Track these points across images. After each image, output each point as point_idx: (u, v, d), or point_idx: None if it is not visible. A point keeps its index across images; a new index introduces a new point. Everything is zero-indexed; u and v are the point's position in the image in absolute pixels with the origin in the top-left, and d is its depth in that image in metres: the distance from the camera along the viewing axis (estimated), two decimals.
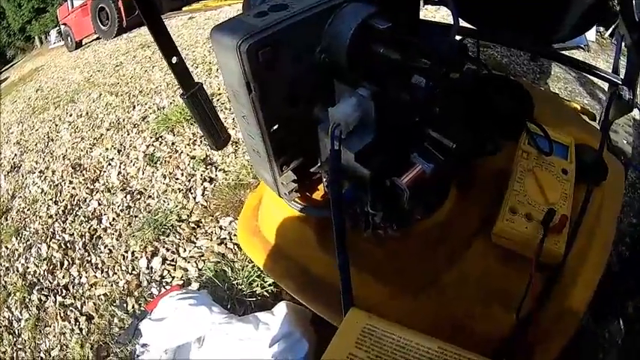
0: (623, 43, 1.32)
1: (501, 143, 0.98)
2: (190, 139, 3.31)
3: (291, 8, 0.83)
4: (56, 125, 4.76)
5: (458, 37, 0.98)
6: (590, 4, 1.27)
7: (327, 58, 0.85)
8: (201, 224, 2.52)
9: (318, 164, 0.99)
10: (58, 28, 11.64)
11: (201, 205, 2.67)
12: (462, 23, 1.36)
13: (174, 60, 1.08)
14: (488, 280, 0.95)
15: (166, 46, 1.08)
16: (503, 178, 1.03)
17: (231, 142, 1.01)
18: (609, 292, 1.32)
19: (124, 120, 4.12)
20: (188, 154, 3.16)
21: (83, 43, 9.95)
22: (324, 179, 0.98)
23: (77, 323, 2.20)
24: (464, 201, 1.04)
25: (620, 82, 1.28)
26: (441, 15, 4.19)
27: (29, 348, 2.21)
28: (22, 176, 3.94)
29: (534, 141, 1.06)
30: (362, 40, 0.82)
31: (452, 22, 0.85)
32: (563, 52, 3.96)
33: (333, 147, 0.74)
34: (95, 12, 9.04)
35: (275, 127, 0.90)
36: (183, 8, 9.49)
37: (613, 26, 4.34)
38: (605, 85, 3.29)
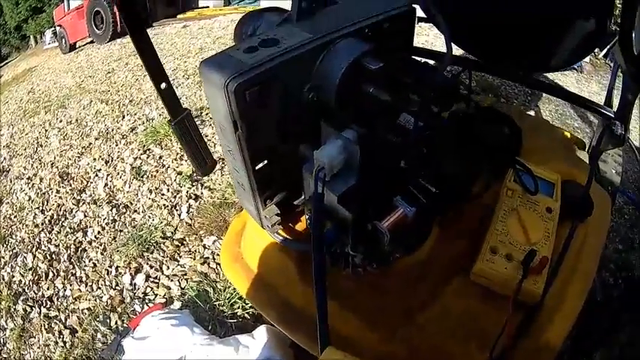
0: (618, 70, 1.30)
1: (488, 184, 0.99)
2: (177, 154, 3.32)
3: (282, 44, 0.82)
4: (46, 130, 4.75)
5: (449, 68, 0.98)
6: (589, 31, 1.26)
7: (316, 97, 0.84)
8: (185, 242, 2.53)
9: (302, 198, 0.99)
10: (53, 28, 11.58)
11: (186, 222, 2.68)
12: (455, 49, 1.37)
13: (162, 86, 1.08)
14: (466, 319, 0.95)
15: (156, 71, 1.08)
16: (486, 216, 1.03)
17: (219, 159, 1.01)
18: (588, 328, 1.32)
19: (112, 130, 4.12)
20: (175, 169, 3.17)
21: (77, 46, 9.92)
22: (307, 215, 0.98)
23: (61, 336, 2.21)
24: (445, 239, 1.03)
25: (613, 116, 1.27)
26: (435, 33, 4.21)
27: (14, 358, 2.21)
28: (11, 181, 3.92)
29: (520, 179, 1.05)
30: (352, 80, 0.82)
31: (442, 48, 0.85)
32: (557, 73, 4.00)
33: (316, 190, 0.73)
34: (91, 15, 9.02)
35: (261, 164, 0.89)
36: (178, 16, 9.48)
37: (608, 47, 4.34)
38: None
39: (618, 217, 2.56)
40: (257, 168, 0.89)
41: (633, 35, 1.09)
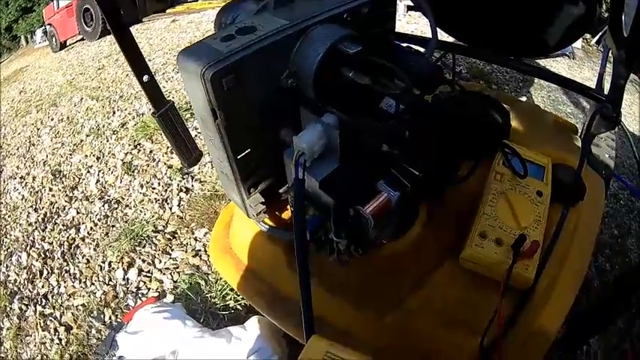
0: (609, 53, 1.29)
1: (475, 168, 0.97)
2: (168, 148, 3.29)
3: (259, 31, 0.81)
4: (38, 129, 4.72)
5: (436, 53, 0.96)
6: (579, 15, 1.25)
7: (295, 83, 0.83)
8: (176, 235, 2.53)
9: (286, 186, 0.98)
10: (43, 27, 11.52)
11: (177, 215, 2.68)
12: (442, 35, 1.35)
13: (145, 78, 1.08)
14: (455, 305, 0.94)
15: (137, 63, 1.07)
16: (475, 200, 1.01)
17: (207, 152, 1.00)
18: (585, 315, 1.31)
19: (103, 126, 4.11)
20: (165, 163, 3.16)
21: (68, 44, 9.85)
22: (290, 202, 0.97)
23: (57, 333, 2.20)
24: (433, 223, 1.01)
25: (604, 99, 1.26)
26: (425, 21, 4.19)
27: (11, 357, 2.21)
28: (4, 181, 3.89)
29: (509, 162, 1.04)
30: (330, 65, 0.80)
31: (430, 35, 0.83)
32: (549, 59, 3.98)
33: (297, 175, 0.72)
34: (80, 13, 8.95)
35: (243, 153, 0.88)
36: (167, 11, 9.42)
37: (600, 33, 4.34)
38: None
39: (614, 202, 2.55)
40: (239, 157, 0.87)
41: (623, 19, 1.08)
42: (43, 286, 2.53)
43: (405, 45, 0.93)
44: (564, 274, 0.98)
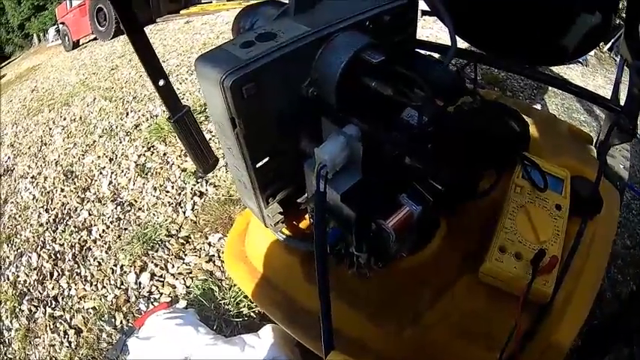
0: (624, 64, 1.28)
1: (497, 181, 0.96)
2: (182, 151, 3.28)
3: (280, 38, 0.80)
4: (50, 129, 4.73)
5: (453, 62, 0.95)
6: (595, 24, 1.24)
7: (316, 92, 0.82)
8: (190, 240, 2.51)
9: (305, 196, 0.97)
10: (56, 26, 11.59)
11: (191, 220, 2.66)
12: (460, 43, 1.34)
13: (161, 83, 1.07)
14: (474, 319, 0.93)
15: (153, 68, 1.07)
16: (494, 211, 1.00)
17: (222, 156, 0.99)
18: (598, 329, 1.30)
19: (116, 127, 4.10)
20: (179, 166, 3.15)
21: (80, 44, 9.90)
22: (310, 214, 0.96)
23: (66, 336, 2.19)
24: (452, 237, 1.01)
25: (620, 110, 1.25)
26: (440, 26, 4.17)
27: (19, 358, 2.19)
28: (15, 180, 3.91)
29: (529, 175, 1.02)
30: (353, 74, 0.79)
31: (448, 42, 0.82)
32: (562, 67, 3.96)
33: (318, 188, 0.71)
34: (93, 12, 9.00)
35: (262, 162, 0.87)
36: (181, 12, 9.45)
37: (612, 40, 4.31)
38: None
39: (626, 212, 2.52)
40: (258, 166, 0.87)
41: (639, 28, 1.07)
42: (53, 288, 2.52)
43: (424, 53, 0.92)
44: (580, 287, 0.97)
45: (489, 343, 0.88)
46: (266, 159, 0.88)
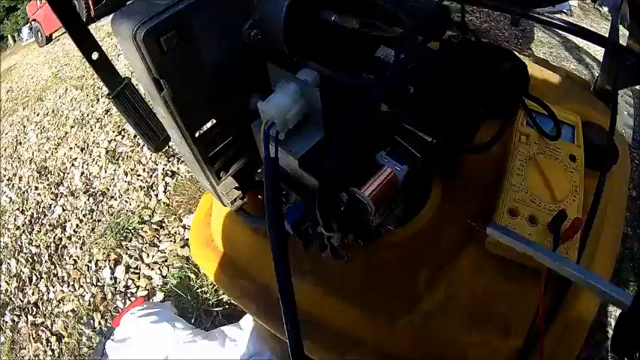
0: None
1: (503, 131, 0.78)
2: None
3: None
4: (24, 127, 4.64)
5: None
6: None
7: (259, 35, 0.64)
8: (163, 224, 2.47)
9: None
10: (29, 24, 11.42)
11: (164, 202, 2.62)
12: None
13: (94, 56, 0.91)
14: (481, 300, 0.76)
15: (84, 40, 0.90)
16: (497, 167, 0.83)
17: None
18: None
19: (87, 115, 4.03)
20: None
21: (53, 37, 9.78)
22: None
23: (49, 344, 2.17)
24: (450, 200, 0.83)
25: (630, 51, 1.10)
26: None
27: None
28: None
29: (534, 121, 0.85)
30: (305, 7, 0.62)
31: None
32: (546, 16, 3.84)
33: (267, 153, 0.54)
34: None
35: (202, 129, 0.70)
36: None
37: None
38: (593, 48, 3.14)
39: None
40: (197, 135, 0.69)
41: None
42: (33, 294, 2.47)
43: None
44: (599, 253, 0.83)
45: (501, 328, 0.73)
46: (207, 125, 0.70)
